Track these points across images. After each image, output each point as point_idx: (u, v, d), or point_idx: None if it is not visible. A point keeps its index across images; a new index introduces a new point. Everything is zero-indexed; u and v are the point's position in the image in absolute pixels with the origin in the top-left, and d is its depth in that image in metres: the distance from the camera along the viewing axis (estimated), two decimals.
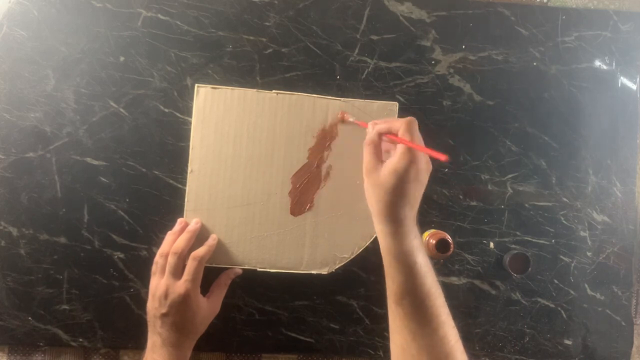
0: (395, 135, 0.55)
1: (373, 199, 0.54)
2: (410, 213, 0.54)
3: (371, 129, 0.58)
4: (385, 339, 0.70)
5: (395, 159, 0.53)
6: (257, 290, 0.69)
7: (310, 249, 0.68)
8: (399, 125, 0.54)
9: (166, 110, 0.68)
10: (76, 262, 0.67)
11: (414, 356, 0.52)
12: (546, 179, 0.72)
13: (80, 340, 0.67)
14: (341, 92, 0.69)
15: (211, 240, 0.65)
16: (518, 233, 0.72)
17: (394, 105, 0.69)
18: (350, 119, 0.67)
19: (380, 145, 0.57)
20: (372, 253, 0.68)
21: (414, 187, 0.53)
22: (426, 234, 0.68)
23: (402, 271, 0.52)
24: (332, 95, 0.68)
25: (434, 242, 0.64)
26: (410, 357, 0.52)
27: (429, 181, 0.70)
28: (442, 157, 0.49)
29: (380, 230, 0.55)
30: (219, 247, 0.66)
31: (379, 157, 0.56)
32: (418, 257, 0.53)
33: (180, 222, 0.65)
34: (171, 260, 0.61)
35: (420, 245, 0.54)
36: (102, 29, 0.67)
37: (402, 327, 0.53)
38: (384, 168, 0.53)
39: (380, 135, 0.57)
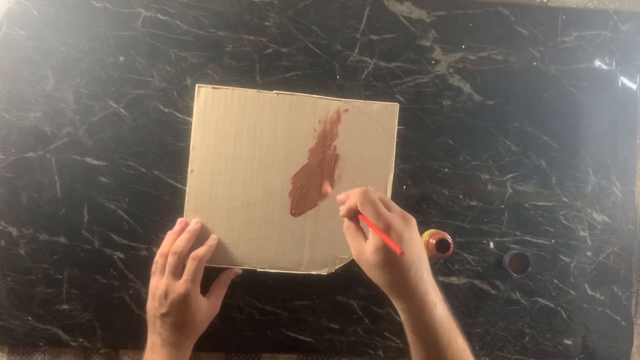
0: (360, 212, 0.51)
1: (376, 281, 0.51)
2: (418, 278, 0.49)
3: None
4: (386, 339, 0.70)
5: (371, 235, 0.49)
6: (257, 290, 0.69)
7: (310, 250, 0.68)
8: (354, 200, 0.51)
9: (166, 110, 0.68)
10: (76, 262, 0.67)
11: None
12: (546, 179, 0.72)
13: (80, 340, 0.67)
14: (341, 92, 0.69)
15: (211, 241, 0.65)
16: (518, 233, 0.72)
17: (395, 106, 0.69)
18: (329, 192, 0.66)
19: (357, 225, 0.53)
20: None
21: (406, 253, 0.48)
22: (426, 234, 0.68)
23: (423, 347, 0.50)
24: (332, 95, 0.68)
25: (434, 242, 0.64)
26: None
27: (429, 184, 0.70)
28: (397, 250, 0.46)
29: (396, 306, 0.52)
30: (219, 247, 0.66)
31: (361, 236, 0.52)
32: (438, 329, 0.49)
33: (180, 222, 0.65)
34: (171, 260, 0.61)
35: (442, 314, 0.50)
36: (101, 29, 0.67)
37: None
38: (367, 249, 0.50)
39: (351, 215, 0.53)
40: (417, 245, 0.51)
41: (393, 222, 0.49)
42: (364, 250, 0.50)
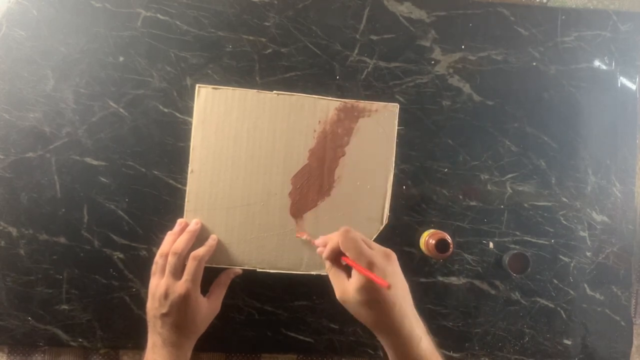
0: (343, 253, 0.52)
1: (361, 319, 0.52)
2: (402, 313, 0.50)
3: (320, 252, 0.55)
4: None
5: (354, 274, 0.50)
6: (257, 290, 0.69)
7: (310, 250, 0.68)
8: (336, 241, 0.52)
9: (166, 110, 0.68)
10: (76, 262, 0.67)
11: None
12: (546, 179, 0.72)
13: (80, 340, 0.67)
14: (341, 92, 0.69)
15: (211, 241, 0.65)
16: (517, 233, 0.72)
17: (395, 107, 0.69)
18: (304, 238, 0.67)
19: (339, 266, 0.53)
20: None
21: (387, 290, 0.49)
22: (426, 234, 0.68)
23: None
24: (332, 96, 0.68)
25: (433, 242, 0.64)
26: None
27: (429, 184, 0.70)
28: (384, 284, 0.47)
29: (382, 342, 0.53)
30: (219, 247, 0.66)
31: (344, 276, 0.52)
32: None
33: (180, 222, 0.65)
34: (171, 260, 0.61)
35: (428, 347, 0.51)
36: (101, 29, 0.67)
37: None
38: (351, 287, 0.50)
39: (333, 256, 0.53)
40: (400, 279, 0.52)
41: (375, 259, 0.50)
42: (347, 289, 0.51)
